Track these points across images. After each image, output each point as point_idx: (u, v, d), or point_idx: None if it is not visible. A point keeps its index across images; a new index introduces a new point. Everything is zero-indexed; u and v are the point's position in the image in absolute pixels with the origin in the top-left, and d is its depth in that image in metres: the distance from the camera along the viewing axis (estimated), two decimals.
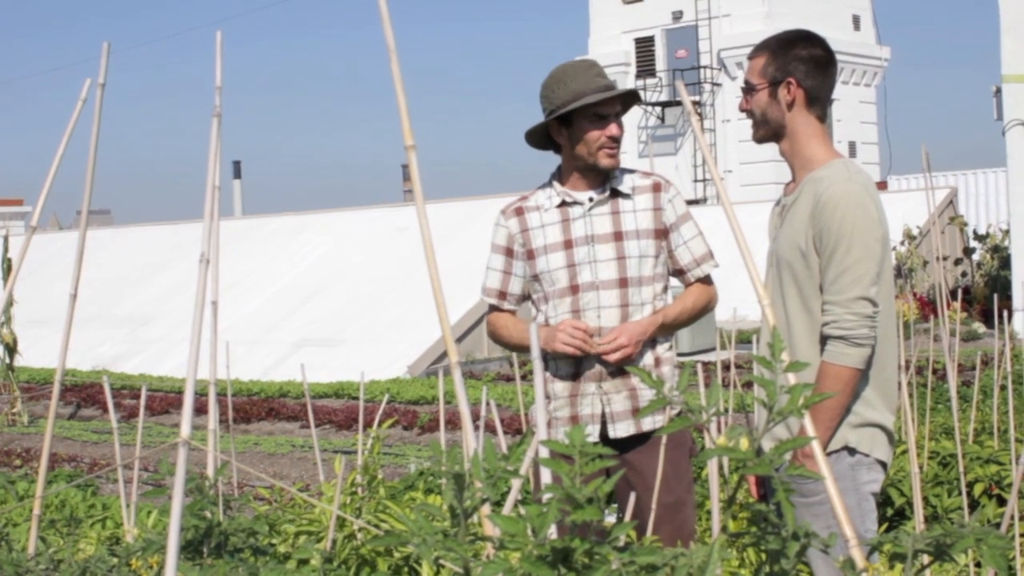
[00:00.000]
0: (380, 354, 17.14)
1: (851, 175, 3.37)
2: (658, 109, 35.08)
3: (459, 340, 17.27)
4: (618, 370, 3.96)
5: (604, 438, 3.98)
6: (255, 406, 14.12)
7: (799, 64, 3.46)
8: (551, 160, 4.16)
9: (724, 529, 1.64)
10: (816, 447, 1.47)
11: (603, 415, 3.98)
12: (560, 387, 4.02)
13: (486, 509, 1.53)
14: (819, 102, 3.50)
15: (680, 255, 4.07)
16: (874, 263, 3.30)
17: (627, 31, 35.61)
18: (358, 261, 20.97)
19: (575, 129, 3.99)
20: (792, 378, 1.48)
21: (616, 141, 3.99)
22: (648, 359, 4.03)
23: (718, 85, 34.20)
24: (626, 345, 3.90)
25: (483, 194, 22.52)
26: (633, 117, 34.68)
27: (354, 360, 16.92)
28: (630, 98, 4.06)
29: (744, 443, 1.38)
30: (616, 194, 4.04)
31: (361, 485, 5.01)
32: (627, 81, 35.29)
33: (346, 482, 4.93)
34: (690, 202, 29.75)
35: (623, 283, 3.99)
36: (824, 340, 3.33)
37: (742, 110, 3.57)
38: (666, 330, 4.04)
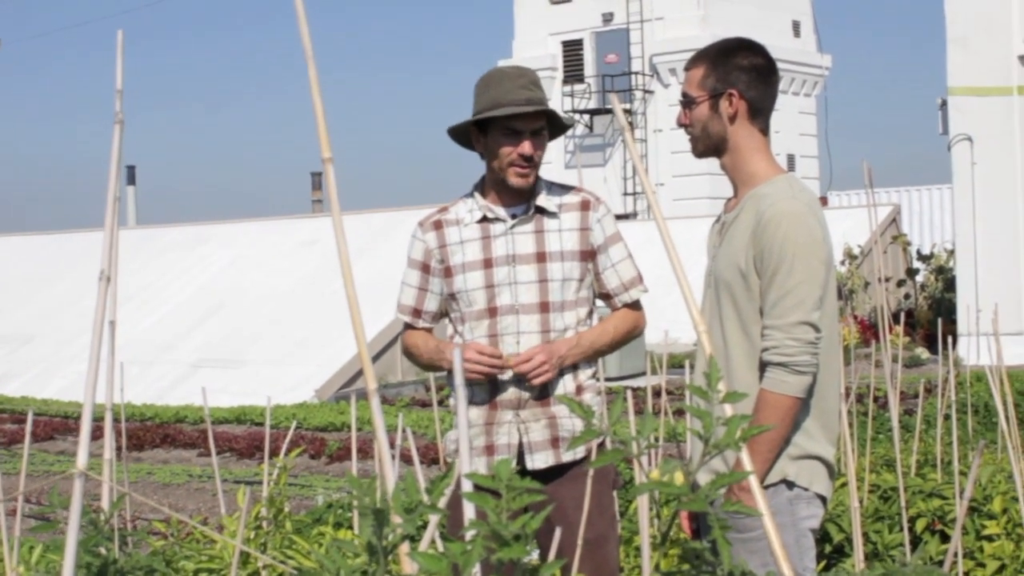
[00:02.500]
0: (285, 376, 17.04)
1: (795, 193, 3.42)
2: (586, 117, 35.26)
3: (372, 361, 17.24)
4: (537, 397, 3.97)
5: (521, 470, 3.99)
6: (149, 432, 13.96)
7: (740, 74, 3.50)
8: (472, 171, 4.17)
9: (656, 568, 1.66)
10: (753, 481, 1.50)
11: (520, 445, 3.99)
12: (475, 414, 4.02)
13: (405, 546, 1.54)
14: (762, 114, 3.54)
15: (607, 278, 4.08)
16: (817, 286, 3.34)
17: (554, 33, 35.78)
18: (261, 276, 20.83)
19: (490, 140, 4.01)
20: (729, 409, 1.50)
21: (528, 160, 3.98)
22: (569, 386, 4.03)
23: (650, 92, 34.45)
24: (544, 361, 3.92)
25: (399, 205, 22.51)
26: None
27: (257, 382, 16.81)
28: (559, 120, 4.07)
29: (679, 477, 1.41)
30: (541, 211, 4.05)
31: (266, 518, 4.98)
32: (554, 87, 35.44)
33: (250, 515, 4.90)
34: (619, 216, 29.93)
35: (544, 308, 4.00)
36: (763, 366, 3.37)
37: (680, 124, 3.60)
38: (585, 354, 4.04)
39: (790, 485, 3.42)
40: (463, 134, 4.10)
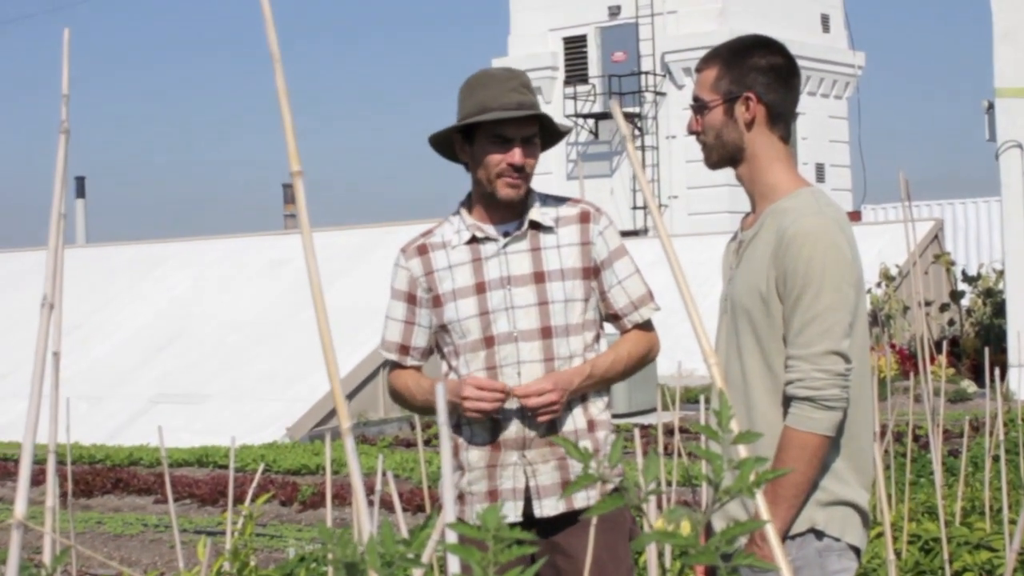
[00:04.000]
0: (253, 413, 17.02)
1: (821, 207, 3.44)
2: (590, 122, 35.31)
3: (350, 397, 17.23)
4: (545, 435, 3.97)
5: (529, 517, 4.00)
6: (99, 476, 13.95)
7: (758, 75, 3.52)
8: (463, 181, 4.20)
9: None
10: (770, 531, 1.51)
11: (527, 490, 4.00)
12: (476, 456, 4.03)
13: None
14: (782, 119, 3.57)
15: (614, 297, 4.09)
16: (847, 312, 3.36)
17: (555, 29, 35.86)
18: (227, 300, 20.83)
19: (476, 149, 4.03)
20: (743, 450, 1.51)
21: (519, 171, 3.99)
22: (580, 421, 4.04)
23: (662, 94, 34.54)
24: (555, 400, 3.91)
25: (381, 221, 22.53)
26: None
27: (221, 420, 16.79)
28: (553, 126, 4.09)
29: (686, 526, 1.41)
30: (536, 227, 4.07)
31: (230, 573, 4.99)
32: (554, 88, 35.52)
33: (211, 570, 4.90)
34: (629, 233, 29.98)
35: (546, 333, 4.01)
36: (788, 401, 3.38)
37: (691, 132, 3.62)
38: (597, 384, 4.05)
39: (819, 535, 3.43)
40: (446, 144, 4.12)
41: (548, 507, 4.00)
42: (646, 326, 4.16)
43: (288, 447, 15.58)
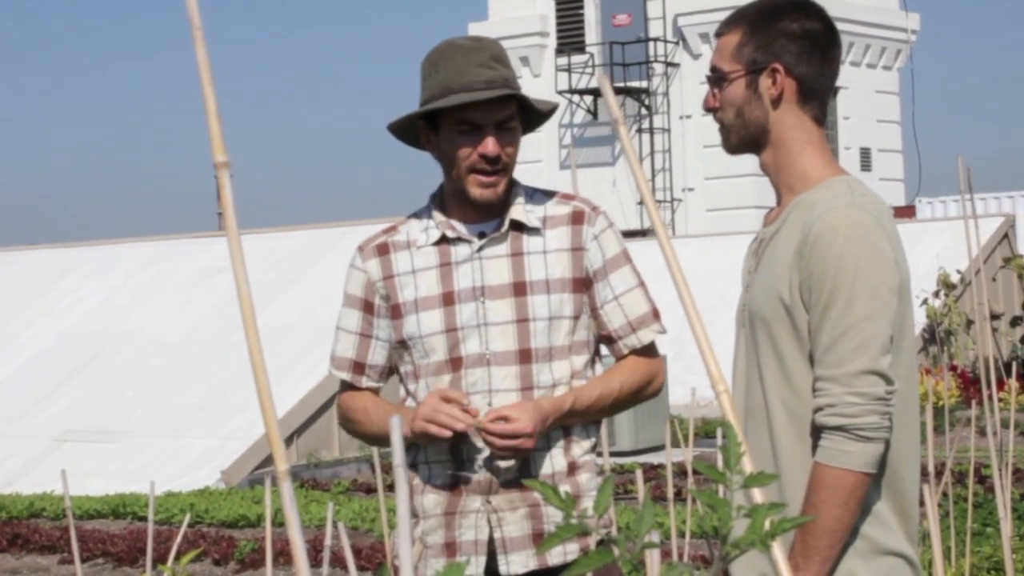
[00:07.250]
0: (181, 453, 17.00)
1: (855, 198, 3.44)
2: (588, 99, 35.29)
3: (300, 431, 17.23)
4: (515, 477, 3.97)
5: (494, 574, 4.01)
6: None
7: (788, 42, 3.53)
8: (432, 174, 4.21)
9: None
10: None
11: (491, 542, 4.00)
12: (432, 501, 4.03)
13: None
14: (816, 97, 3.58)
15: (608, 316, 4.08)
16: (886, 323, 3.36)
17: None
18: (150, 316, 20.81)
19: (442, 139, 4.03)
20: (759, 495, 1.52)
21: (494, 163, 3.96)
22: (559, 463, 4.03)
23: (674, 66, 34.55)
24: (526, 431, 3.88)
25: (338, 219, 22.50)
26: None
27: (142, 462, 16.77)
28: (533, 107, 4.07)
29: None
30: (519, 227, 4.06)
31: None
32: (544, 59, 35.51)
33: None
34: (636, 232, 29.94)
35: (525, 356, 4.00)
36: (817, 432, 3.38)
37: (708, 109, 3.63)
38: (580, 418, 4.02)
39: None
40: (411, 132, 4.12)
41: (516, 563, 4.00)
42: (647, 352, 4.13)
43: (223, 494, 15.57)
